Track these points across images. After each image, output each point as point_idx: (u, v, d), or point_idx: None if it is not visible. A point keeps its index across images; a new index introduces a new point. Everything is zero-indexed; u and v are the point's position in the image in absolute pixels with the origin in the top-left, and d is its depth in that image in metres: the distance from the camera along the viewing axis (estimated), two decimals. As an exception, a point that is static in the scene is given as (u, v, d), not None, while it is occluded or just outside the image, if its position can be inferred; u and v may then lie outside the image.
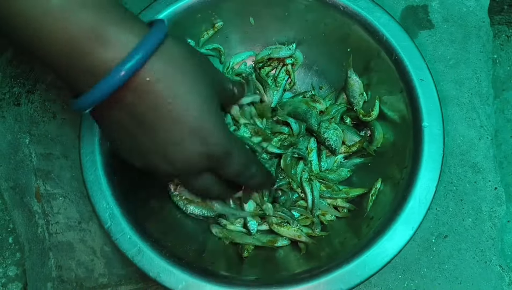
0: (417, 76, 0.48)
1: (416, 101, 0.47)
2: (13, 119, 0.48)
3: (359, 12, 0.50)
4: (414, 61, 0.48)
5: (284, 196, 0.52)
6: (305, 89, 0.60)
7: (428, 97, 0.47)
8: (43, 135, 0.48)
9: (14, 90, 0.49)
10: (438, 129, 0.46)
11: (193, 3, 0.51)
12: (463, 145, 0.57)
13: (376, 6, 0.50)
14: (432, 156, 0.45)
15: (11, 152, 0.47)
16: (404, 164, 0.47)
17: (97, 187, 0.44)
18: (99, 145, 0.45)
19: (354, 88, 0.54)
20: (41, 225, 0.45)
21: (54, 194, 0.46)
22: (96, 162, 0.44)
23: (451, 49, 0.61)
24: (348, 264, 0.42)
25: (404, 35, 0.49)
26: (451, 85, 0.59)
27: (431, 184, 0.44)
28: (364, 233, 0.46)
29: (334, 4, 0.51)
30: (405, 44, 0.49)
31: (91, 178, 0.44)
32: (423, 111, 0.47)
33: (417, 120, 0.47)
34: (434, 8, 0.63)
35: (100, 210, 0.43)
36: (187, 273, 0.42)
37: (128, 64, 0.28)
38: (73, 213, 0.47)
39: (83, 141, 0.44)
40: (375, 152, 0.53)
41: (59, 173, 0.47)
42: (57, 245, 0.45)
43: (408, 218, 0.43)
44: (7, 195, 0.46)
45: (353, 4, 0.50)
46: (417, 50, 0.48)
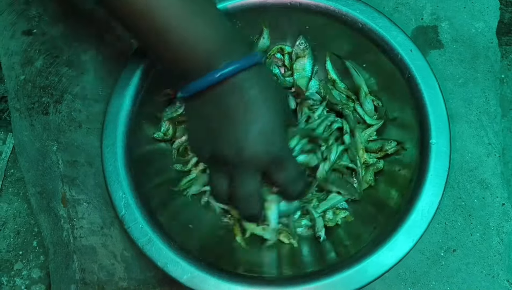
0: (428, 95, 0.50)
1: (426, 118, 0.49)
2: (41, 127, 0.51)
3: (376, 30, 0.53)
4: (426, 80, 0.50)
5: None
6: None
7: (437, 115, 0.49)
8: (69, 143, 0.50)
9: (43, 100, 0.51)
10: (446, 147, 0.48)
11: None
12: (472, 161, 0.58)
13: (394, 25, 0.52)
14: (437, 172, 0.47)
15: (39, 158, 0.49)
16: (410, 177, 0.49)
17: (115, 177, 0.46)
18: (121, 138, 0.47)
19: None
20: (66, 229, 0.47)
21: (78, 200, 0.48)
22: (116, 154, 0.47)
23: (460, 69, 0.63)
24: (348, 269, 0.44)
25: (419, 54, 0.51)
26: (460, 103, 0.61)
27: (434, 199, 0.46)
28: (365, 241, 0.48)
29: (353, 21, 0.53)
30: (419, 63, 0.51)
31: (110, 168, 0.46)
32: (432, 129, 0.49)
33: (425, 137, 0.49)
34: (443, 29, 0.66)
35: (116, 199, 0.45)
36: (193, 265, 0.44)
37: (229, 68, 0.40)
38: (96, 218, 0.49)
39: (105, 133, 0.47)
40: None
41: (83, 180, 0.49)
42: (81, 249, 0.47)
43: (409, 230, 0.45)
44: (34, 200, 0.48)
45: (372, 22, 0.53)
46: (430, 70, 0.50)
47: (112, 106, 0.48)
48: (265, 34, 0.57)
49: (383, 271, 0.43)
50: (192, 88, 0.42)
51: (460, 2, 0.67)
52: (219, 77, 0.40)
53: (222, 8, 0.54)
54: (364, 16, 0.53)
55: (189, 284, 0.43)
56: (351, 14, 0.53)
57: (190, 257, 0.44)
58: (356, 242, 0.49)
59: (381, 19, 0.52)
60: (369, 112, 0.57)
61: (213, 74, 0.40)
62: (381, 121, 0.56)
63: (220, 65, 0.40)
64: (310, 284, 0.43)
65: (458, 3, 0.67)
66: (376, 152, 0.55)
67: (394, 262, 0.44)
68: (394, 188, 0.51)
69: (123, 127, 0.48)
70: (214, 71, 0.40)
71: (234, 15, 0.54)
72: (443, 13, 0.66)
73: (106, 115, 0.48)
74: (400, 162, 0.53)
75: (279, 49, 0.60)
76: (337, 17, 0.53)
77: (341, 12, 0.53)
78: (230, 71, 0.40)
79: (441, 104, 0.49)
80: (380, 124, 0.56)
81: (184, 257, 0.44)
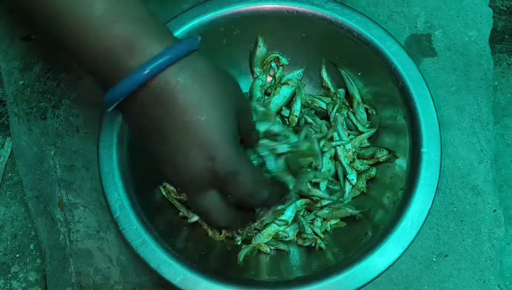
0: (420, 104, 0.51)
1: (418, 127, 0.50)
2: (39, 132, 0.51)
3: (371, 40, 0.54)
4: (419, 90, 0.51)
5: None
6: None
7: (429, 125, 0.50)
8: (66, 148, 0.51)
9: (41, 105, 0.52)
10: (437, 156, 0.49)
11: (217, 18, 0.54)
12: (464, 168, 0.59)
13: (388, 35, 0.53)
14: (428, 181, 0.48)
15: (37, 163, 0.50)
16: (401, 185, 0.50)
17: (110, 179, 0.46)
18: (116, 141, 0.48)
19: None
20: (63, 233, 0.47)
21: (75, 204, 0.49)
22: (112, 156, 0.47)
23: (453, 76, 0.64)
24: (339, 274, 0.44)
25: (412, 64, 0.52)
26: (452, 111, 0.62)
27: (424, 207, 0.47)
28: (356, 247, 0.49)
29: (348, 30, 0.54)
30: (412, 74, 0.52)
31: (106, 170, 0.47)
32: (424, 138, 0.49)
33: (417, 146, 0.50)
34: (437, 37, 0.67)
35: (111, 201, 0.46)
36: (186, 267, 0.44)
37: (150, 66, 0.30)
38: (92, 222, 0.49)
39: (102, 135, 0.48)
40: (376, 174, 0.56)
41: (80, 184, 0.50)
42: (77, 252, 0.48)
43: (399, 237, 0.46)
44: (31, 204, 0.49)
45: (367, 32, 0.54)
46: (423, 80, 0.52)
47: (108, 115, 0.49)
48: (260, 42, 0.58)
49: (373, 276, 0.44)
50: (106, 101, 0.33)
51: (453, 11, 0.68)
52: (133, 85, 0.31)
53: (219, 14, 0.55)
54: (359, 26, 0.54)
55: (182, 286, 0.43)
56: (347, 23, 0.54)
57: (183, 258, 0.45)
58: (347, 248, 0.50)
59: (376, 29, 0.53)
60: (362, 120, 0.58)
61: (126, 81, 0.31)
62: (373, 130, 0.57)
63: (143, 57, 0.31)
64: (300, 288, 0.44)
65: (452, 12, 0.68)
66: (368, 159, 0.56)
67: (384, 268, 0.44)
68: (385, 196, 0.52)
69: (119, 129, 0.49)
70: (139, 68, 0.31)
71: (231, 22, 0.55)
72: (436, 22, 0.67)
73: (103, 117, 0.48)
74: (392, 170, 0.54)
75: (275, 58, 0.61)
76: (334, 26, 0.54)
77: (337, 21, 0.54)
78: (149, 72, 0.31)
79: (433, 114, 0.50)
80: (372, 132, 0.57)
81: (177, 259, 0.44)
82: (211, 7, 0.54)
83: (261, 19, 0.56)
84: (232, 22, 0.56)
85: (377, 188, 0.55)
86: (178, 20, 0.53)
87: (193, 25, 0.54)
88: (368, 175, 0.56)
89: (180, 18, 0.53)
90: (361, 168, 0.56)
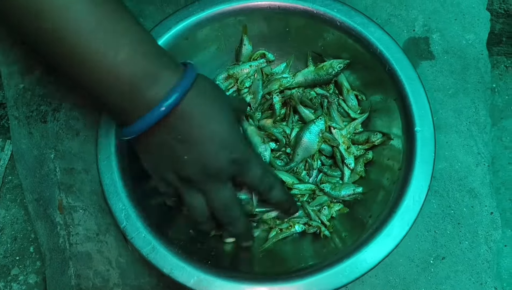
0: (409, 86, 0.52)
1: (409, 108, 0.52)
2: (39, 135, 0.52)
3: (354, 27, 0.55)
4: (406, 71, 0.53)
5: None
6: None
7: (419, 104, 0.51)
8: (66, 151, 0.51)
9: (41, 108, 0.52)
10: (430, 133, 0.50)
11: (201, 20, 0.55)
12: (461, 171, 0.60)
13: (371, 21, 0.54)
14: (424, 159, 0.49)
15: (36, 166, 0.50)
16: (399, 165, 0.51)
17: (113, 190, 0.47)
18: (115, 151, 0.49)
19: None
20: (62, 236, 0.48)
21: (75, 207, 0.49)
22: (112, 167, 0.48)
23: (451, 79, 0.65)
24: (349, 258, 0.46)
25: (396, 47, 0.53)
26: (450, 114, 0.62)
27: (424, 184, 0.48)
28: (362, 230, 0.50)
29: (331, 20, 0.55)
30: (397, 56, 0.53)
31: (107, 181, 0.47)
32: (415, 117, 0.51)
33: (410, 125, 0.51)
34: (435, 40, 0.67)
35: (116, 211, 0.46)
36: (198, 269, 0.45)
37: (172, 97, 0.38)
38: (91, 225, 0.50)
39: (100, 146, 0.48)
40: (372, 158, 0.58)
41: (80, 187, 0.50)
42: (77, 255, 0.48)
43: (403, 216, 0.47)
44: (31, 207, 0.49)
45: (349, 20, 0.55)
46: (408, 62, 0.53)
47: (104, 118, 0.49)
48: (245, 40, 0.59)
49: (383, 256, 0.45)
50: (136, 129, 0.39)
51: (451, 14, 0.68)
52: (165, 111, 0.38)
53: (203, 16, 0.55)
54: (341, 15, 0.55)
55: (196, 287, 0.44)
56: (329, 13, 0.55)
57: (194, 260, 0.46)
58: (353, 232, 0.51)
59: (358, 16, 0.55)
60: (353, 107, 0.59)
61: (157, 109, 0.37)
62: (365, 114, 0.58)
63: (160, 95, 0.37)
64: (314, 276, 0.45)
65: (450, 15, 0.68)
66: (363, 144, 0.57)
67: (392, 246, 0.46)
68: (384, 177, 0.53)
69: (116, 140, 0.49)
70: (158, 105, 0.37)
71: (213, 22, 0.56)
72: (434, 25, 0.68)
73: (99, 128, 0.49)
74: (388, 151, 0.55)
75: (262, 54, 0.62)
76: (316, 17, 0.55)
77: (319, 12, 0.55)
78: (175, 100, 0.38)
79: (421, 94, 0.52)
80: (365, 116, 0.58)
81: (188, 262, 0.45)
82: (193, 10, 0.55)
83: (244, 17, 0.57)
84: (215, 23, 0.56)
85: (376, 171, 0.56)
86: (162, 26, 0.54)
87: (178, 30, 0.55)
88: (366, 159, 0.57)
89: (164, 24, 0.54)
90: (357, 153, 0.57)
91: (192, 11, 0.56)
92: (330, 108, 0.59)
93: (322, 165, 0.59)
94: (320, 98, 0.60)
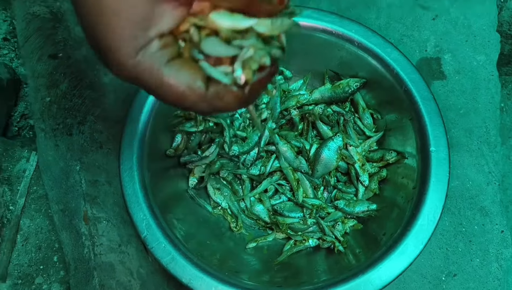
0: (425, 106, 0.54)
1: (424, 128, 0.53)
2: (65, 147, 0.53)
3: (371, 48, 0.57)
4: (421, 92, 0.54)
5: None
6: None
7: (434, 124, 0.53)
8: (91, 163, 0.53)
9: (67, 121, 0.54)
10: (444, 153, 0.52)
11: None
12: (472, 189, 0.61)
13: (387, 42, 0.56)
14: (439, 178, 0.51)
15: (63, 177, 0.52)
16: (413, 184, 0.53)
17: (134, 200, 0.48)
18: (137, 162, 0.50)
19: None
20: (87, 246, 0.49)
21: (99, 218, 0.51)
22: (134, 177, 0.49)
23: (462, 99, 0.66)
24: (364, 274, 0.47)
25: (412, 68, 0.55)
26: (461, 133, 0.64)
27: (438, 204, 0.49)
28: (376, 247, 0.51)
29: (349, 40, 0.57)
30: (413, 77, 0.55)
31: (129, 191, 0.49)
32: (431, 137, 0.52)
33: (425, 145, 0.52)
34: (446, 61, 0.69)
35: (137, 221, 0.48)
36: (216, 279, 0.46)
37: None
38: (114, 236, 0.51)
39: (122, 158, 0.50)
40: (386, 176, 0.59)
41: (103, 199, 0.52)
42: (101, 265, 0.49)
43: (418, 235, 0.48)
44: (57, 217, 0.51)
45: (366, 40, 0.57)
46: (424, 83, 0.55)
47: (127, 131, 0.51)
48: None
49: (398, 273, 0.47)
50: None
51: (462, 36, 0.70)
52: None
53: None
54: (359, 35, 0.57)
55: None
56: (347, 34, 0.57)
57: (212, 271, 0.47)
58: (367, 248, 0.52)
59: (375, 37, 0.57)
60: (368, 125, 0.61)
61: None
62: (380, 133, 0.60)
63: None
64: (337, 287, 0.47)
65: (461, 37, 0.70)
66: (377, 162, 0.59)
67: (406, 264, 0.47)
68: (399, 195, 0.54)
69: (138, 151, 0.51)
70: None
71: None
72: (446, 46, 0.69)
73: (122, 140, 0.50)
74: (403, 170, 0.56)
75: (280, 71, 0.64)
76: (334, 37, 0.58)
77: (338, 32, 0.57)
78: None
79: (437, 114, 0.53)
80: (380, 135, 0.60)
81: (207, 272, 0.46)
82: None
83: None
84: None
85: (390, 189, 0.57)
86: None
87: None
88: (380, 177, 0.58)
89: None
90: (372, 171, 0.59)
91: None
92: (346, 126, 0.60)
93: (337, 182, 0.61)
94: (337, 116, 0.62)
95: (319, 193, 0.60)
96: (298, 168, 0.59)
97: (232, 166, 0.61)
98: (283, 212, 0.59)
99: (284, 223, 0.58)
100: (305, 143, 0.60)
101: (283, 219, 0.58)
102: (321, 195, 0.61)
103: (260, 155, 0.61)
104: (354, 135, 0.60)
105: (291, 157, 0.59)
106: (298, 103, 0.63)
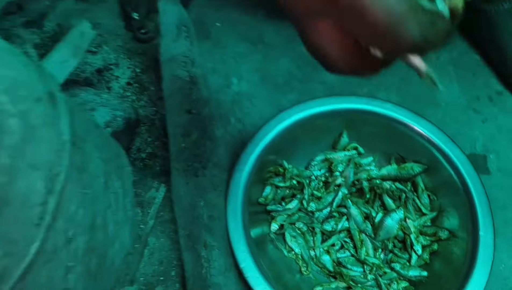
0: (478, 198, 0.68)
1: (476, 215, 0.67)
2: (193, 186, 0.67)
3: (437, 143, 0.73)
4: (476, 186, 0.69)
5: None
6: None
7: (485, 214, 0.67)
8: (210, 202, 0.67)
9: (195, 165, 0.68)
10: (491, 239, 0.65)
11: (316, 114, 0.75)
12: (505, 271, 0.73)
13: (450, 140, 0.72)
14: (485, 260, 0.63)
15: (189, 209, 0.66)
16: (462, 261, 0.65)
17: (236, 234, 0.64)
18: (240, 204, 0.65)
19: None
20: (205, 267, 0.62)
21: (213, 246, 0.64)
22: (236, 216, 0.65)
23: (501, 194, 0.80)
24: None
25: (470, 166, 0.71)
26: (499, 222, 0.77)
27: (482, 280, 0.62)
28: None
29: (418, 133, 0.74)
30: (470, 172, 0.70)
31: (232, 226, 0.64)
32: (481, 224, 0.66)
33: (476, 230, 0.66)
34: (491, 159, 0.83)
35: (237, 252, 0.62)
36: None
37: None
38: (222, 263, 0.64)
39: (229, 201, 0.65)
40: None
41: (216, 231, 0.65)
42: (213, 285, 0.62)
43: None
44: (183, 240, 0.64)
45: (433, 135, 0.73)
46: (478, 179, 0.70)
47: (234, 179, 0.68)
48: (344, 134, 0.76)
49: None
50: None
51: (505, 140, 0.85)
52: None
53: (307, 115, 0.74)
54: (427, 130, 0.74)
55: None
56: (416, 127, 0.73)
57: None
58: None
59: (441, 134, 0.73)
60: (425, 204, 0.74)
61: None
62: (434, 213, 0.73)
63: None
64: None
65: (504, 140, 0.85)
66: (430, 236, 0.71)
67: None
68: (448, 268, 0.67)
69: (241, 196, 0.66)
70: None
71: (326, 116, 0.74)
72: (492, 146, 0.84)
73: (229, 187, 0.67)
74: (453, 247, 0.69)
75: (355, 147, 0.79)
76: (408, 129, 0.74)
77: (408, 124, 0.74)
78: None
79: (487, 206, 0.68)
80: (433, 215, 0.74)
81: None
82: (315, 104, 0.75)
83: (347, 116, 0.76)
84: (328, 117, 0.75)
85: (440, 261, 0.70)
86: (287, 113, 0.73)
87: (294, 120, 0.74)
88: (431, 249, 0.71)
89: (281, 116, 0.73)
90: (425, 243, 0.71)
91: (307, 106, 0.74)
92: (407, 202, 0.74)
93: (393, 247, 0.73)
94: (399, 192, 0.76)
95: (377, 254, 0.73)
96: (364, 231, 0.72)
97: (307, 219, 0.75)
98: (346, 265, 0.72)
99: (348, 275, 0.70)
100: (372, 211, 0.74)
101: (347, 271, 0.71)
102: (378, 255, 0.73)
103: (333, 215, 0.75)
104: (412, 211, 0.74)
105: (360, 220, 0.72)
106: (368, 176, 0.77)
